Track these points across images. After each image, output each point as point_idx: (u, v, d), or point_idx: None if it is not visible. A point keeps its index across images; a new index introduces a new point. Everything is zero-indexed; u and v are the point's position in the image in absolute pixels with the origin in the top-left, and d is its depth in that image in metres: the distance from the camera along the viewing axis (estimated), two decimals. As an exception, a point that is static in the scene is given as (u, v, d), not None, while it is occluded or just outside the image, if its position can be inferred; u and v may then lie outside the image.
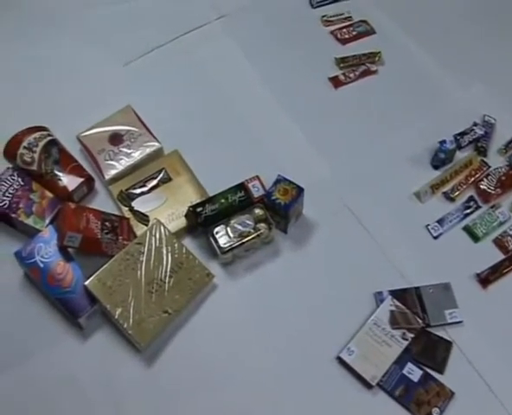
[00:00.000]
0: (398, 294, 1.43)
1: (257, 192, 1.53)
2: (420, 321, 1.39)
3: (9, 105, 1.80)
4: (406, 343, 1.36)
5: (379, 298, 1.43)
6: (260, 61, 1.88)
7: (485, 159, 1.67)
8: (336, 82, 1.83)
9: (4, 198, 1.53)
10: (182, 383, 1.35)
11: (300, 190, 1.49)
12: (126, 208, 1.57)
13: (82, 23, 1.98)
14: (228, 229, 1.49)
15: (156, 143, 1.67)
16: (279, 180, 1.50)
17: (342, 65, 1.86)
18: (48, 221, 1.52)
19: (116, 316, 1.35)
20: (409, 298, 1.43)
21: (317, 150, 1.68)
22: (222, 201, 1.51)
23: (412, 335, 1.37)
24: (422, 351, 1.37)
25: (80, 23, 1.98)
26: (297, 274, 1.49)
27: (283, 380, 1.35)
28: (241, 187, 1.54)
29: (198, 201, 1.55)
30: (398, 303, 1.41)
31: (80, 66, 1.89)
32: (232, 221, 1.50)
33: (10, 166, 1.60)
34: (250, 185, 1.54)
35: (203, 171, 1.62)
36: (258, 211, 1.50)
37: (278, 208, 1.47)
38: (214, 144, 1.70)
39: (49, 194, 1.56)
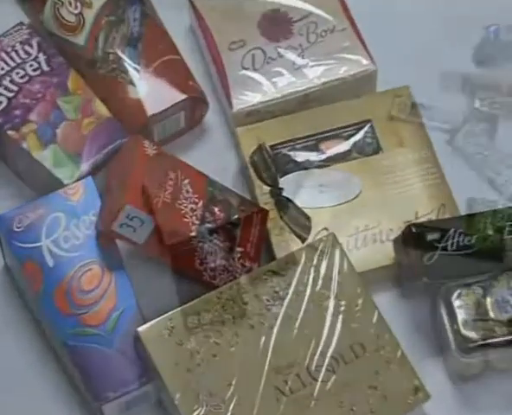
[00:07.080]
0: None
1: None
2: None
3: None
4: None
5: None
6: None
7: None
8: None
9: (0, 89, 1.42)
10: None
11: None
12: (265, 187, 1.41)
13: None
14: (488, 300, 1.30)
15: (366, 61, 1.49)
16: None
17: None
18: (86, 168, 1.39)
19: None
20: None
21: None
22: (489, 233, 1.33)
23: None
24: None
25: None
26: None
27: None
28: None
29: (433, 216, 1.39)
30: None
31: None
32: (498, 284, 1.32)
33: (27, 22, 1.52)
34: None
35: (455, 153, 1.51)
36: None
37: None
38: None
39: (102, 110, 1.43)
